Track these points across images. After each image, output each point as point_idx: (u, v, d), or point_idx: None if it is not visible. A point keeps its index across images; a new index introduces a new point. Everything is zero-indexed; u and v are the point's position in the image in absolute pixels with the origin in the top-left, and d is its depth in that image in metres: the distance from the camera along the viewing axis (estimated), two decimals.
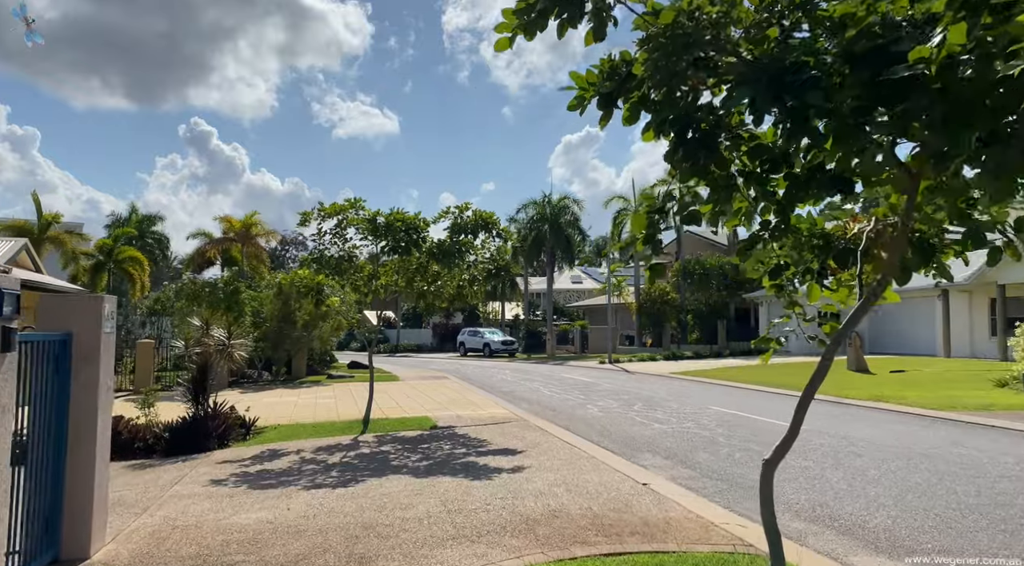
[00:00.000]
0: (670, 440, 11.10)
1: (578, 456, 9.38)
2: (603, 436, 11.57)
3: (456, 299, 13.09)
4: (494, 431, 11.77)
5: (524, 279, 54.55)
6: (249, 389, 21.37)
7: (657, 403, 16.44)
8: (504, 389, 20.81)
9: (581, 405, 16.23)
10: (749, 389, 20.30)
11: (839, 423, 12.75)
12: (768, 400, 17.26)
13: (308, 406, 16.15)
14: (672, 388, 20.74)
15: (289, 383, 23.08)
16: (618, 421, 13.37)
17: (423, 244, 11.69)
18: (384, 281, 12.35)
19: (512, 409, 15.12)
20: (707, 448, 10.32)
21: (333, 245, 11.84)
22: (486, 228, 11.75)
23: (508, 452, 9.76)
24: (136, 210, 64.23)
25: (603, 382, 23.01)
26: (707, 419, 13.54)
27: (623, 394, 18.74)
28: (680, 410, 15.04)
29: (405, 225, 11.50)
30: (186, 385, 11.82)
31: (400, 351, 54.35)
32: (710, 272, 42.40)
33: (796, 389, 19.61)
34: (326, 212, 11.61)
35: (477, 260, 12.53)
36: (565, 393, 19.34)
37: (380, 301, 13.10)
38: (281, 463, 9.45)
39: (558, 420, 13.56)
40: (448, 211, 11.82)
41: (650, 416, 14.04)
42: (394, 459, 9.44)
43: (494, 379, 25.06)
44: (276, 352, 23.57)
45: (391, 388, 20.72)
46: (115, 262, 30.57)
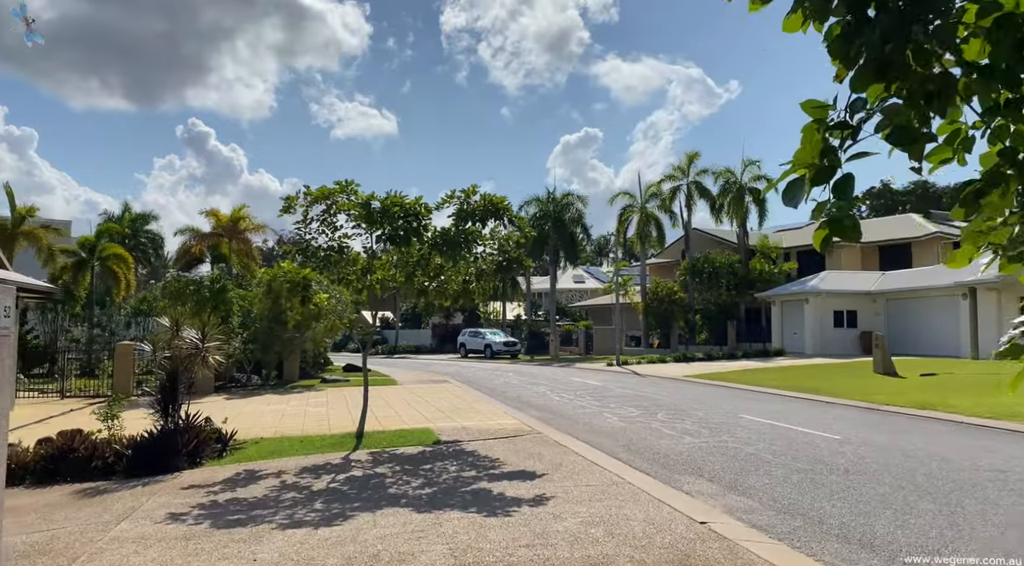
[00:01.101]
0: (710, 458, 9.63)
1: (610, 481, 7.91)
2: (631, 452, 10.10)
3: (461, 297, 11.62)
4: (506, 447, 10.30)
5: (526, 278, 53.08)
6: (236, 395, 19.89)
7: (681, 411, 14.98)
8: (510, 394, 19.34)
9: (597, 413, 14.76)
10: (773, 394, 18.85)
11: (890, 435, 11.28)
12: (799, 407, 15.79)
13: (297, 415, 14.67)
14: (691, 393, 19.27)
15: (280, 388, 21.59)
16: (643, 433, 11.90)
17: (424, 233, 10.22)
18: (380, 275, 10.88)
19: (522, 418, 13.65)
20: (756, 469, 8.86)
21: (321, 234, 10.36)
22: (496, 214, 10.28)
23: (526, 476, 8.29)
24: (129, 208, 62.48)
25: (614, 386, 21.54)
26: (742, 431, 12.07)
27: (640, 400, 17.27)
28: (709, 419, 13.58)
29: (404, 211, 10.03)
30: (153, 394, 10.33)
31: (399, 352, 52.87)
32: (719, 270, 40.93)
33: (822, 394, 18.17)
34: (313, 196, 10.12)
35: (485, 252, 11.06)
36: (576, 399, 17.87)
37: (376, 299, 11.63)
38: (257, 489, 7.97)
39: (576, 432, 12.09)
40: (453, 195, 10.34)
41: (678, 427, 12.57)
42: (391, 485, 7.96)
43: (498, 382, 23.59)
44: (266, 354, 22.09)
45: (389, 394, 19.24)
46: (99, 259, 29.06)
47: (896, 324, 34.28)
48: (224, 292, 21.22)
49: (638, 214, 43.77)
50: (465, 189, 10.38)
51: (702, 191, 43.64)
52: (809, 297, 35.16)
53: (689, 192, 43.78)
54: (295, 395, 19.42)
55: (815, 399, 17.48)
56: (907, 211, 61.68)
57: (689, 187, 43.79)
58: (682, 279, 43.40)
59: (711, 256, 41.75)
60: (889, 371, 22.96)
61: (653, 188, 44.13)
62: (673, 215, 44.53)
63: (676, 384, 22.49)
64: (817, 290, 35.06)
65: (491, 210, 10.20)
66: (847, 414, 14.49)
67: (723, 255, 41.79)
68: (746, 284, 40.38)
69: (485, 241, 10.87)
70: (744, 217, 42.02)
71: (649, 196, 44.10)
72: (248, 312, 23.08)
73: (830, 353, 33.57)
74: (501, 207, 10.20)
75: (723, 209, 42.74)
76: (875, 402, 16.21)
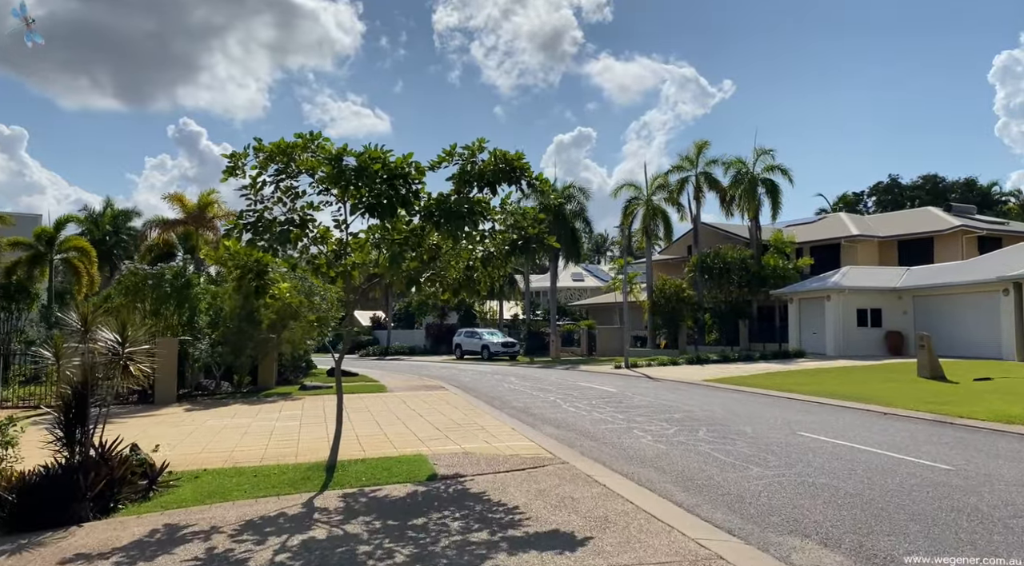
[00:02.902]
0: (801, 502, 7.13)
1: (688, 553, 5.40)
2: (691, 492, 7.60)
3: (463, 288, 9.07)
4: (525, 486, 7.78)
5: (524, 276, 50.54)
6: (200, 405, 17.31)
7: (723, 426, 12.49)
8: (516, 404, 16.82)
9: (624, 430, 12.26)
10: (815, 403, 16.40)
11: (1010, 462, 8.80)
12: (857, 420, 13.32)
13: (262, 433, 12.12)
14: (721, 402, 16.78)
15: (252, 396, 19.00)
16: (693, 461, 9.40)
17: (415, 201, 7.70)
18: (358, 258, 8.33)
19: (537, 439, 11.13)
20: (878, 520, 6.36)
21: (278, 204, 7.81)
22: (511, 177, 7.75)
23: (562, 541, 5.76)
24: (111, 204, 59.76)
25: (631, 393, 19.04)
26: (814, 456, 9.59)
27: (669, 411, 14.77)
28: (763, 439, 11.09)
29: (388, 172, 7.49)
30: (56, 414, 7.75)
31: (391, 354, 50.25)
32: (731, 266, 38.42)
33: (872, 402, 15.70)
34: (266, 153, 7.57)
35: (495, 228, 8.53)
36: (593, 409, 15.36)
37: (356, 290, 9.07)
38: (170, 564, 5.43)
39: (607, 458, 9.59)
40: (452, 151, 7.79)
41: (732, 451, 10.07)
42: (364, 561, 5.43)
43: (500, 389, 21.06)
44: (238, 358, 19.50)
45: (375, 404, 16.68)
46: (60, 253, 26.38)
47: (925, 323, 31.86)
48: (189, 287, 18.63)
49: (644, 207, 41.28)
50: (469, 145, 7.84)
51: (711, 182, 41.20)
52: (831, 294, 32.74)
53: (698, 184, 41.32)
54: (267, 405, 16.84)
55: (868, 409, 15.04)
56: (916, 206, 59.47)
57: (698, 178, 41.33)
58: (690, 276, 40.91)
59: (722, 251, 39.27)
60: (937, 375, 20.53)
61: (660, 179, 41.68)
62: (681, 208, 42.09)
63: (698, 390, 20.01)
64: (840, 286, 32.63)
65: (504, 170, 7.66)
66: (921, 430, 12.03)
67: (734, 250, 39.32)
68: (758, 281, 37.90)
69: (494, 214, 8.34)
70: (757, 210, 39.59)
71: (656, 188, 41.64)
72: (220, 309, 20.52)
73: (853, 354, 31.16)
74: (517, 166, 7.67)
75: (734, 201, 40.32)
76: (943, 413, 13.77)
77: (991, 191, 66.90)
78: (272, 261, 8.07)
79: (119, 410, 16.37)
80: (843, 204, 68.91)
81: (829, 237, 42.01)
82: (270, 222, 7.65)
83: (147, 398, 18.03)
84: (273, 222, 7.67)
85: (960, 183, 66.88)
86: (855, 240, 40.80)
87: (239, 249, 7.86)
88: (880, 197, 70.39)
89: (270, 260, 8.04)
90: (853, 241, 40.82)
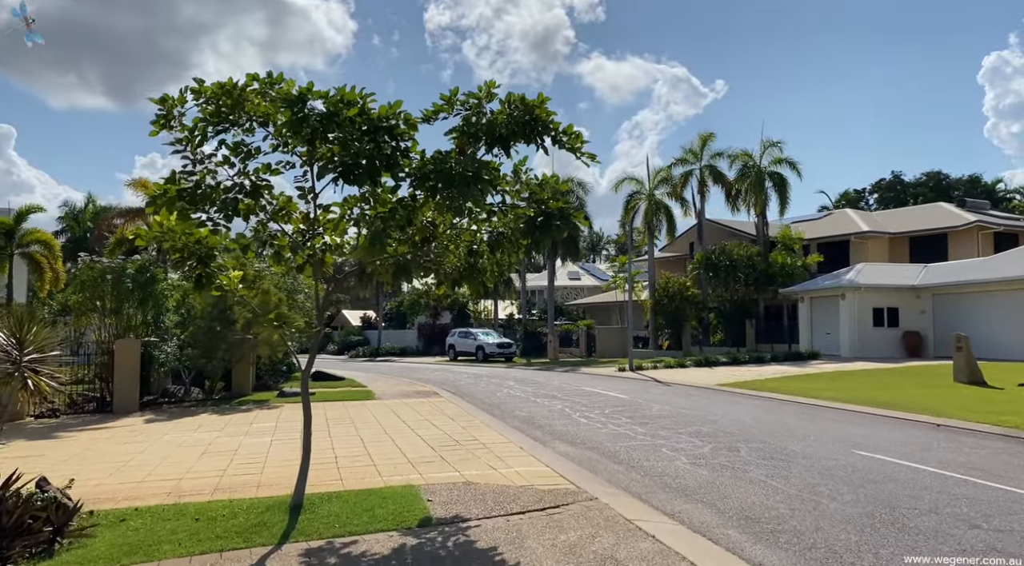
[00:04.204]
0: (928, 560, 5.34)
1: None
2: (770, 544, 5.79)
3: (464, 279, 7.21)
4: (548, 535, 5.94)
5: (520, 274, 48.70)
6: (164, 414, 15.39)
7: (765, 444, 10.68)
8: (519, 413, 14.98)
9: (651, 448, 10.44)
10: (852, 412, 14.68)
11: None
12: (914, 434, 11.53)
13: (224, 452, 10.24)
14: (747, 411, 15.00)
15: (224, 403, 17.08)
16: (753, 495, 7.59)
17: (404, 162, 5.84)
18: (330, 237, 6.46)
19: (552, 461, 9.29)
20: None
21: (224, 165, 5.93)
22: (531, 131, 5.90)
23: None
24: (93, 200, 57.51)
25: (645, 400, 17.24)
26: (897, 486, 7.81)
27: (694, 423, 12.97)
28: (822, 461, 9.30)
29: (368, 123, 5.63)
30: None
31: (381, 355, 48.29)
32: (737, 263, 36.65)
33: (917, 412, 13.94)
34: (207, 96, 5.70)
35: (506, 202, 6.68)
36: (608, 420, 13.54)
37: (330, 280, 7.19)
38: None
39: (645, 490, 7.76)
40: (453, 98, 5.94)
41: (793, 479, 8.27)
42: None
43: (499, 395, 19.22)
44: (209, 361, 17.57)
45: (361, 413, 14.81)
46: (21, 247, 24.36)
47: (944, 323, 30.25)
48: (154, 282, 16.70)
49: (646, 202, 39.48)
50: (474, 92, 5.99)
51: (716, 176, 39.45)
52: (846, 292, 31.03)
53: (702, 177, 39.58)
54: (239, 415, 14.94)
55: (917, 420, 13.31)
56: (919, 203, 57.95)
57: (702, 172, 39.58)
58: (695, 273, 39.15)
59: (728, 248, 37.49)
60: (976, 379, 18.84)
61: (663, 172, 39.90)
62: (684, 202, 40.34)
63: (716, 397, 18.23)
64: (855, 284, 30.93)
65: (522, 122, 5.80)
66: (1001, 448, 10.28)
67: (741, 247, 37.56)
68: (766, 279, 36.17)
69: (505, 185, 6.50)
70: (764, 205, 37.87)
71: (658, 182, 39.85)
72: (192, 308, 18.60)
73: (870, 356, 29.47)
74: (540, 116, 5.82)
75: (739, 196, 38.59)
76: (1010, 427, 12.05)
77: (996, 188, 65.53)
78: (219, 242, 6.18)
79: (71, 421, 14.46)
80: (845, 201, 67.40)
81: (838, 234, 40.35)
82: (212, 188, 5.77)
83: (106, 406, 16.10)
84: (217, 189, 5.78)
85: (964, 180, 65.44)
86: (865, 236, 39.16)
87: (175, 226, 5.99)
88: (882, 194, 68.88)
89: (216, 241, 6.15)
90: (863, 238, 39.18)
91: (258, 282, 6.92)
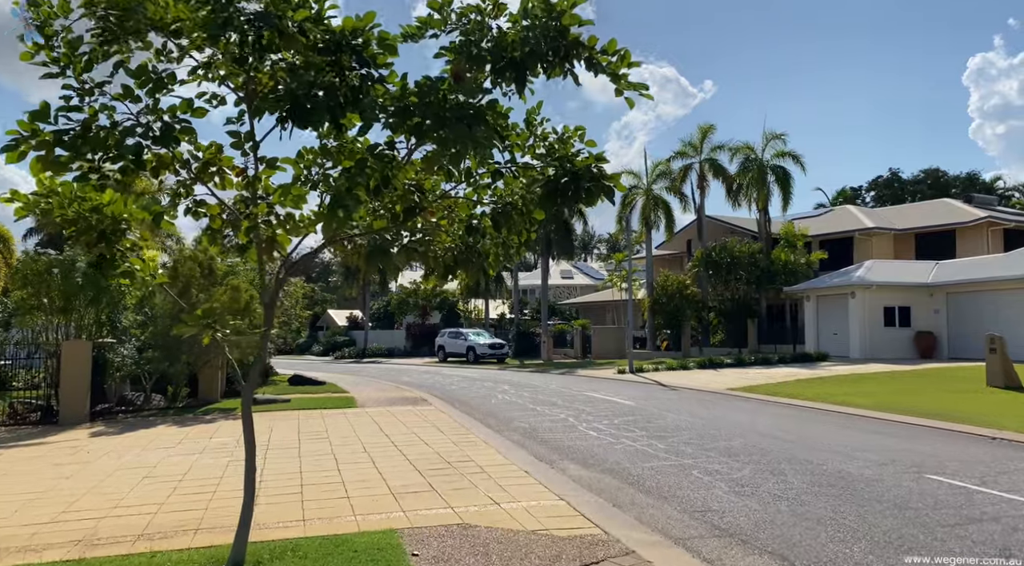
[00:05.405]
0: None
1: None
2: None
3: (460, 265, 5.51)
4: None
5: (512, 271, 47.04)
6: (117, 425, 13.60)
7: (816, 466, 9.04)
8: (519, 424, 13.29)
9: (680, 470, 8.78)
10: (895, 423, 13.13)
11: None
12: (981, 451, 9.90)
13: (170, 478, 8.49)
14: (775, 422, 13.41)
15: (187, 412, 15.28)
16: (830, 544, 5.95)
17: (376, 92, 4.14)
18: (279, 202, 4.75)
19: (563, 490, 7.61)
20: None
21: (126, 98, 4.21)
22: (562, 52, 4.22)
23: None
24: None
25: (655, 408, 15.61)
26: (1001, 527, 6.20)
27: (720, 437, 11.33)
28: (895, 492, 7.68)
29: (328, 39, 3.93)
30: None
31: (368, 356, 46.45)
32: (739, 261, 35.12)
33: (965, 422, 12.33)
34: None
35: (515, 160, 4.99)
36: (619, 432, 11.88)
37: (284, 265, 5.43)
38: None
39: (687, 533, 6.11)
40: (445, 5, 4.26)
41: (873, 520, 6.64)
42: None
43: (494, 401, 17.53)
44: (172, 365, 15.77)
45: (339, 425, 13.07)
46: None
47: (959, 323, 28.84)
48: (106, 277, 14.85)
49: (644, 197, 37.92)
50: (475, 3, 4.30)
51: (717, 170, 37.92)
52: (855, 290, 29.54)
53: (702, 171, 38.04)
54: (200, 426, 13.17)
55: (971, 432, 11.77)
56: (918, 200, 56.74)
57: (702, 166, 38.05)
58: (694, 271, 37.60)
59: (729, 245, 35.95)
60: (1014, 384, 17.35)
61: (662, 166, 38.33)
62: (684, 198, 38.81)
63: (734, 404, 16.63)
64: (866, 282, 29.44)
65: (554, 45, 4.12)
66: None
67: (742, 244, 36.04)
68: (768, 277, 34.67)
69: (516, 139, 4.81)
70: (766, 200, 36.37)
71: (657, 176, 38.29)
72: (155, 306, 16.83)
73: (881, 357, 27.99)
74: (570, 40, 4.14)
75: (741, 191, 37.09)
76: None
77: (995, 185, 64.49)
78: (127, 211, 4.46)
79: (5, 435, 12.64)
80: (842, 199, 66.13)
81: (841, 230, 38.91)
82: (106, 130, 4.05)
83: (51, 417, 14.28)
84: (111, 132, 4.07)
85: (962, 177, 64.39)
86: (870, 233, 37.75)
87: (60, 186, 4.27)
88: (880, 192, 67.73)
89: (120, 209, 4.43)
90: (868, 234, 37.77)
91: (227, 279, 5.16)
